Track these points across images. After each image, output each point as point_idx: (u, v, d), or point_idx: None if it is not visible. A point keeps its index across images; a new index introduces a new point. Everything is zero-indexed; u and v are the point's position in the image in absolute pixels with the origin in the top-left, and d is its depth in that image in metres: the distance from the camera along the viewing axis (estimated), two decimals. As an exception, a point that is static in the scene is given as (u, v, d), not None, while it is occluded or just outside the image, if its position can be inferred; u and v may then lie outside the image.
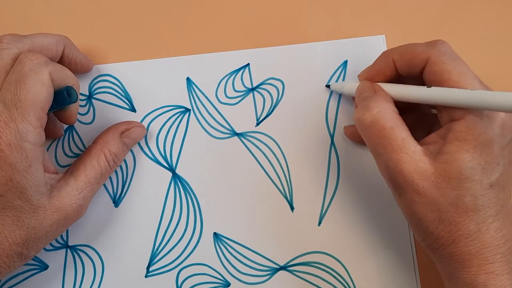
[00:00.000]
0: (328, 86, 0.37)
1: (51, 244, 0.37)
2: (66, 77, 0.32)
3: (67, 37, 0.35)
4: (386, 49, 0.32)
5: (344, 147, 0.37)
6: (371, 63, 0.34)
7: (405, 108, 0.32)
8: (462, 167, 0.27)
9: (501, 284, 0.27)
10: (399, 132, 0.28)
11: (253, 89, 0.38)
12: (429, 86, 0.29)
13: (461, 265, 0.28)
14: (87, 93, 0.38)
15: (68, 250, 0.37)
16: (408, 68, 0.31)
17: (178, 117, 0.38)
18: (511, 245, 0.28)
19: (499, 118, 0.27)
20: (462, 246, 0.27)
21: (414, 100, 0.30)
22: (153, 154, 0.38)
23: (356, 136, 0.36)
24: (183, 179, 0.37)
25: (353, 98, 0.34)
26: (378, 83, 0.32)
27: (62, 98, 0.32)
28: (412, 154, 0.28)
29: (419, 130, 0.31)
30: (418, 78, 0.30)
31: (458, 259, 0.28)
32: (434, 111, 0.35)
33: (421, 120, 0.34)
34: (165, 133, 0.38)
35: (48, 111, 0.30)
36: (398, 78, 0.32)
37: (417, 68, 0.30)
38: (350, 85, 0.34)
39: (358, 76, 0.34)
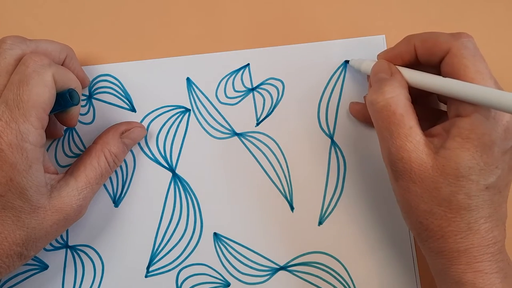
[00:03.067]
0: (347, 61, 0.37)
1: (51, 244, 0.37)
2: (69, 79, 0.32)
3: (71, 48, 0.35)
4: (387, 48, 0.32)
5: (345, 146, 0.37)
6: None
7: (415, 98, 0.32)
8: (461, 164, 0.27)
9: (489, 282, 0.27)
10: (408, 120, 0.29)
11: (253, 89, 0.38)
12: (444, 77, 0.29)
13: (449, 261, 0.28)
14: (87, 93, 0.38)
15: (68, 250, 0.37)
16: (428, 56, 0.31)
17: (178, 117, 0.38)
18: (501, 246, 0.28)
19: (504, 122, 0.27)
20: (451, 242, 0.28)
21: (428, 88, 0.30)
22: (153, 154, 0.38)
23: (360, 115, 0.36)
24: (183, 179, 0.37)
25: (368, 76, 0.34)
26: (396, 66, 0.32)
27: (64, 100, 0.32)
28: (416, 144, 0.28)
29: (426, 122, 0.31)
30: (435, 67, 0.31)
31: (446, 255, 0.28)
32: (443, 107, 0.35)
33: (429, 113, 0.34)
34: (165, 133, 0.38)
35: (50, 112, 0.31)
36: (416, 64, 0.32)
37: (437, 57, 0.30)
38: (368, 63, 0.34)
39: (378, 55, 0.34)
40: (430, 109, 0.35)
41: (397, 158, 0.29)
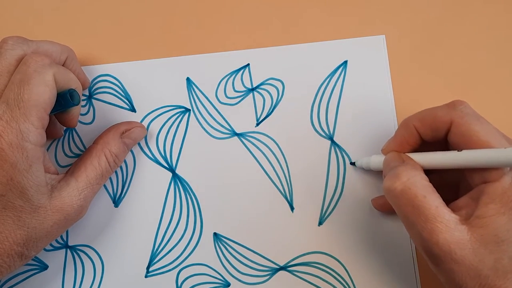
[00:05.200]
0: (353, 163, 0.37)
1: (51, 244, 0.37)
2: (69, 80, 0.32)
3: (72, 49, 0.35)
4: (408, 117, 0.32)
5: (345, 146, 0.37)
6: (371, 63, 0.33)
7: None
8: (499, 230, 0.26)
9: None
10: (432, 200, 0.28)
11: (253, 89, 0.38)
12: (459, 150, 0.28)
13: None
14: (87, 93, 0.38)
15: (68, 250, 0.37)
16: (432, 133, 0.30)
17: (178, 117, 0.38)
18: None
19: None
20: None
21: (446, 166, 0.29)
22: (153, 154, 0.38)
23: (386, 207, 0.35)
24: (183, 179, 0.37)
25: (381, 172, 0.33)
26: (405, 153, 0.31)
27: (65, 100, 0.32)
28: (447, 223, 0.27)
29: (445, 190, 0.31)
30: (442, 141, 0.30)
31: None
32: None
33: (447, 178, 0.33)
34: (165, 133, 0.38)
35: (50, 113, 0.31)
36: (423, 145, 0.31)
37: (442, 132, 0.30)
38: (376, 158, 0.34)
39: (382, 150, 0.33)
40: (446, 173, 0.33)
41: (432, 243, 0.27)
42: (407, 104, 0.37)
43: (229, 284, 0.36)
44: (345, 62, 0.38)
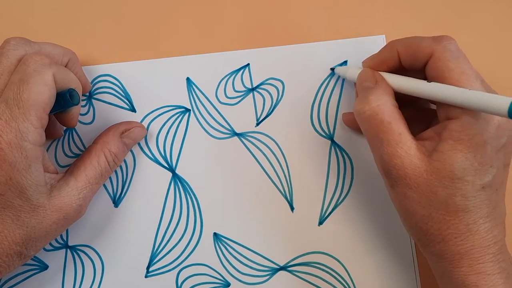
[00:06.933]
0: (332, 69, 0.37)
1: (51, 244, 0.37)
2: (69, 79, 0.32)
3: (74, 52, 0.35)
4: (395, 40, 0.33)
5: (345, 146, 0.37)
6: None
7: (405, 101, 0.32)
8: (455, 166, 0.27)
9: (492, 284, 0.27)
10: (397, 126, 0.29)
11: (253, 89, 0.38)
12: (429, 81, 0.29)
13: (451, 264, 0.28)
14: (87, 93, 0.38)
15: (68, 250, 0.37)
16: (412, 61, 0.31)
17: (178, 117, 0.38)
18: (501, 245, 0.28)
19: (495, 120, 0.27)
20: (452, 245, 0.28)
21: (413, 93, 0.30)
22: (153, 154, 0.38)
23: (354, 124, 0.36)
24: (183, 179, 0.37)
25: (355, 84, 0.34)
26: (380, 72, 0.32)
27: (64, 100, 0.32)
28: (407, 149, 0.28)
29: (417, 124, 0.31)
30: (421, 72, 0.30)
31: (448, 258, 0.28)
32: (434, 106, 0.35)
33: (420, 114, 0.34)
34: (165, 133, 0.38)
35: (50, 112, 0.31)
36: (401, 69, 0.32)
37: (421, 62, 0.30)
38: (353, 71, 0.34)
39: (362, 62, 0.34)
40: (421, 111, 0.34)
41: (390, 166, 0.28)
42: (407, 104, 0.37)
43: (229, 284, 0.36)
44: (345, 62, 0.38)
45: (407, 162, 0.28)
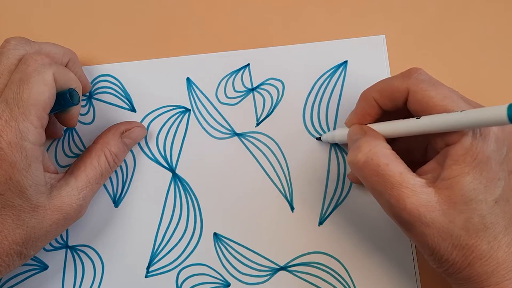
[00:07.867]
0: (318, 138, 0.37)
1: (51, 244, 0.37)
2: (69, 79, 0.32)
3: (74, 53, 0.35)
4: (367, 89, 0.32)
5: (345, 147, 0.37)
6: (371, 63, 0.33)
7: (390, 139, 0.31)
8: (465, 190, 0.26)
9: None
10: (395, 167, 0.28)
11: (253, 89, 0.38)
12: (418, 117, 0.28)
13: (479, 285, 0.27)
14: (87, 93, 0.38)
15: (68, 250, 0.37)
16: (391, 103, 0.30)
17: (178, 117, 0.38)
18: None
19: (492, 134, 0.27)
20: (478, 267, 0.27)
21: (406, 134, 0.29)
22: (153, 154, 0.38)
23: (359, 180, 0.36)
24: (183, 179, 0.37)
25: (347, 145, 0.33)
26: (368, 125, 0.32)
27: (64, 100, 0.32)
28: (412, 187, 0.27)
29: (414, 154, 0.31)
30: (403, 110, 0.30)
31: (475, 280, 0.27)
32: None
33: (414, 142, 0.33)
34: (165, 133, 0.38)
35: (50, 112, 0.31)
36: (384, 114, 0.32)
37: (400, 101, 0.30)
38: (340, 132, 0.34)
39: (345, 123, 0.34)
40: (414, 139, 0.33)
41: (400, 209, 0.27)
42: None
43: (229, 284, 0.36)
44: (345, 62, 0.38)
45: (416, 200, 0.27)
